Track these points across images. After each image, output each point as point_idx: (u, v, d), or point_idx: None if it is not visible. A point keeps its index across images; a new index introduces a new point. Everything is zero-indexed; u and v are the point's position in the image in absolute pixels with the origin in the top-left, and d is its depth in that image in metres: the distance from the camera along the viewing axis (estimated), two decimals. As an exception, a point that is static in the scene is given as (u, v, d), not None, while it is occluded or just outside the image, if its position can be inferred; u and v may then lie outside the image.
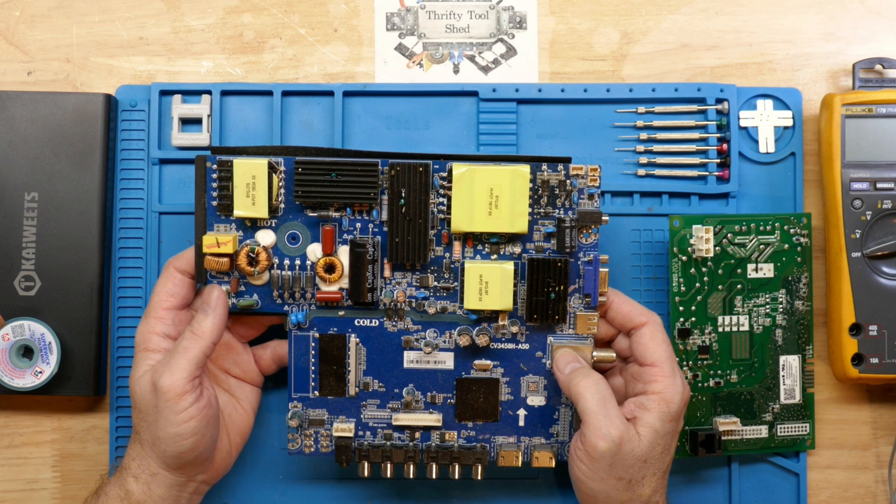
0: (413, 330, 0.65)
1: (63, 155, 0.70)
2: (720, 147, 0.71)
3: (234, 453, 0.66)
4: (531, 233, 0.64)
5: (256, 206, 0.63)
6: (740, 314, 0.68)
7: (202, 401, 0.60)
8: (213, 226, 0.64)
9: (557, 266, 0.63)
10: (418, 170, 0.63)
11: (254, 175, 0.63)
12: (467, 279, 0.63)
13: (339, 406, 0.67)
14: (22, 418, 0.72)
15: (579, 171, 0.63)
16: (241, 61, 0.73)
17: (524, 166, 0.62)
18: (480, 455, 0.65)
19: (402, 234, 0.63)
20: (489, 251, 0.64)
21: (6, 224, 0.69)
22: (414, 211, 0.63)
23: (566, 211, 0.64)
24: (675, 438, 0.63)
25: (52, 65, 0.73)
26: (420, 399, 0.66)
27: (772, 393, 0.69)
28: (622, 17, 0.73)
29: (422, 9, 0.73)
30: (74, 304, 0.69)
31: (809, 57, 0.73)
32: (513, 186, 0.62)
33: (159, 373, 0.60)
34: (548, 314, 0.64)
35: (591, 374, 0.62)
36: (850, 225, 0.68)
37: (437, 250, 0.64)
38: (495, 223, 0.63)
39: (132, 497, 0.61)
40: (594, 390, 0.60)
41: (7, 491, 0.71)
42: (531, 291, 0.64)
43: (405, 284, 0.65)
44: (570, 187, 0.63)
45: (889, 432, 0.72)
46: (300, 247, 0.64)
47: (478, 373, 0.66)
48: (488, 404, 0.66)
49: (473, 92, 0.71)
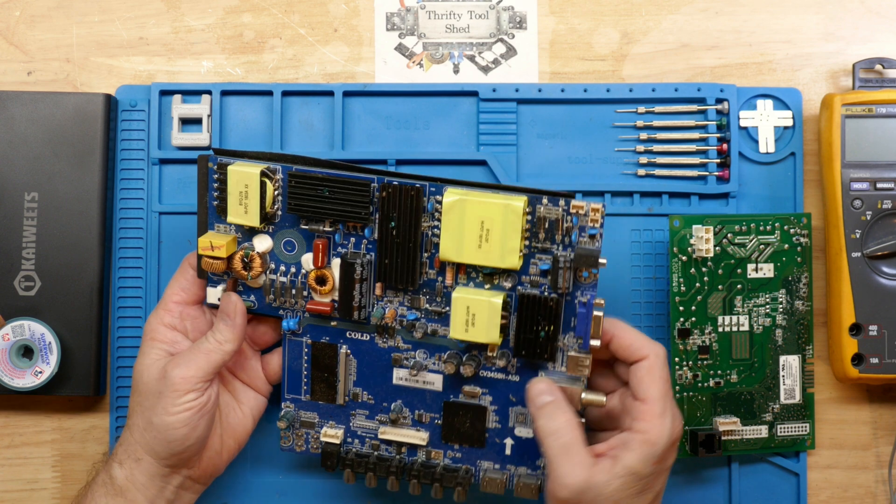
0: (403, 349, 0.64)
1: (63, 155, 0.70)
2: (720, 147, 0.71)
3: (224, 455, 0.65)
4: (527, 265, 0.61)
5: (249, 215, 0.62)
6: (740, 314, 0.68)
7: (203, 397, 0.61)
8: (214, 225, 0.64)
9: (549, 305, 0.60)
10: (410, 193, 0.60)
11: (246, 184, 0.62)
12: (454, 309, 0.60)
13: (329, 411, 0.66)
14: (22, 418, 0.72)
15: (580, 208, 0.59)
16: (241, 61, 0.73)
17: (518, 200, 0.59)
18: (462, 480, 0.64)
19: (392, 256, 0.61)
20: (482, 280, 0.62)
21: (6, 224, 0.69)
22: (404, 234, 0.61)
23: (565, 248, 0.60)
24: (661, 477, 0.60)
25: (52, 65, 0.73)
26: (408, 416, 0.65)
27: (772, 393, 0.69)
28: (622, 17, 0.73)
29: (422, 9, 0.73)
30: (74, 304, 0.69)
31: (809, 57, 0.73)
32: (504, 221, 0.59)
33: (175, 363, 0.61)
34: (536, 352, 0.61)
35: (558, 415, 0.59)
36: (850, 225, 0.68)
37: (430, 273, 0.62)
38: (485, 256, 0.60)
39: (115, 482, 0.62)
40: (556, 437, 0.58)
41: (7, 491, 0.71)
42: (520, 327, 0.61)
43: (397, 303, 0.63)
44: (569, 224, 0.60)
45: (889, 432, 0.72)
46: (296, 254, 0.64)
47: (466, 398, 0.64)
48: (475, 430, 0.64)
49: (473, 92, 0.71)
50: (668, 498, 0.70)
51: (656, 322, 0.71)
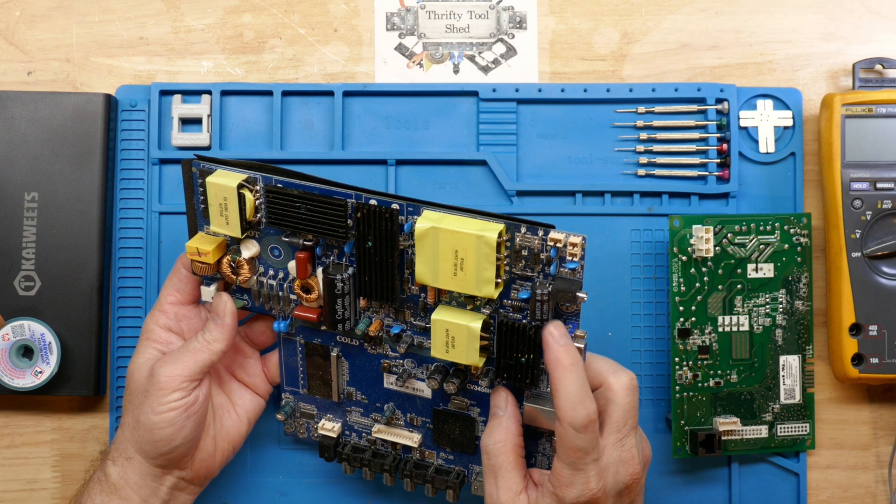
0: (392, 356, 0.64)
1: (63, 155, 0.70)
2: (720, 147, 0.71)
3: (218, 457, 0.65)
4: (508, 290, 0.58)
5: (230, 226, 0.61)
6: (740, 314, 0.68)
7: (189, 397, 0.61)
8: (203, 227, 0.63)
9: (528, 334, 0.57)
10: (385, 215, 0.58)
11: (225, 196, 0.60)
12: (434, 331, 0.59)
13: (326, 405, 0.67)
14: (22, 418, 0.72)
15: (558, 241, 0.56)
16: (241, 61, 0.73)
17: (492, 231, 0.55)
18: (453, 483, 0.64)
19: (371, 274, 0.60)
20: (464, 300, 0.60)
21: (6, 224, 0.69)
22: (382, 254, 0.59)
23: (545, 277, 0.57)
24: None
25: (52, 65, 0.73)
26: (401, 417, 0.66)
27: (772, 393, 0.69)
28: (622, 17, 0.73)
29: (422, 9, 0.73)
30: (74, 304, 0.69)
31: (809, 57, 0.73)
32: (478, 252, 0.56)
33: (162, 362, 0.61)
34: (517, 377, 0.59)
35: (497, 432, 0.59)
36: (850, 225, 0.68)
37: (413, 289, 0.60)
38: (461, 284, 0.57)
39: (109, 480, 0.62)
40: (487, 455, 0.58)
41: (7, 491, 0.71)
42: (500, 353, 0.59)
43: (382, 314, 0.62)
44: (547, 255, 0.57)
45: (889, 432, 0.72)
46: (283, 259, 0.63)
47: (455, 408, 0.64)
48: (465, 437, 0.64)
49: (473, 92, 0.71)
50: (668, 498, 0.70)
51: (656, 322, 0.71)
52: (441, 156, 0.71)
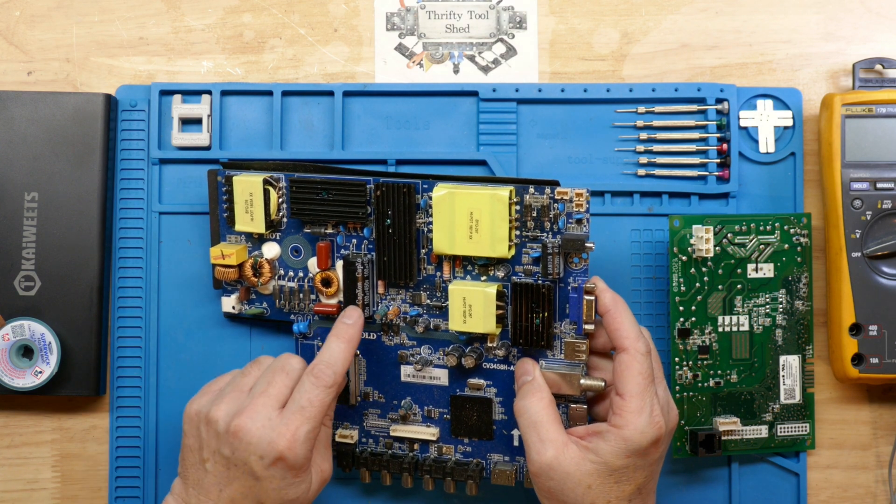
0: (408, 345, 0.66)
1: (63, 155, 0.70)
2: (720, 147, 0.71)
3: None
4: (520, 255, 0.62)
5: (255, 222, 0.65)
6: (740, 314, 0.68)
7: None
8: (226, 236, 0.67)
9: (541, 292, 0.62)
10: (402, 190, 0.63)
11: (251, 192, 0.65)
12: (451, 301, 0.63)
13: (343, 413, 0.68)
14: (22, 418, 0.72)
15: (565, 194, 0.61)
16: (241, 61, 0.73)
17: (503, 190, 0.61)
18: (473, 473, 0.65)
19: (390, 253, 0.64)
20: (478, 272, 0.63)
21: (6, 224, 0.69)
22: (400, 231, 0.63)
23: (554, 234, 0.62)
24: (644, 471, 0.59)
25: (52, 65, 0.73)
26: (417, 412, 0.67)
27: (772, 393, 0.69)
28: (622, 17, 0.73)
29: (422, 9, 0.73)
30: (74, 304, 0.69)
31: (809, 57, 0.73)
32: (492, 211, 0.61)
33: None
34: (532, 340, 0.62)
35: (531, 393, 0.60)
36: (850, 225, 0.68)
37: (428, 269, 0.64)
38: (476, 247, 0.62)
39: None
40: (526, 414, 0.59)
41: (7, 491, 0.71)
42: (516, 316, 0.62)
43: (399, 301, 0.65)
44: (556, 211, 0.61)
45: (889, 432, 0.72)
46: (302, 259, 0.66)
47: (471, 391, 0.65)
48: (482, 423, 0.66)
49: (473, 92, 0.71)
50: (668, 498, 0.70)
51: (656, 322, 0.71)
52: (441, 156, 0.71)
